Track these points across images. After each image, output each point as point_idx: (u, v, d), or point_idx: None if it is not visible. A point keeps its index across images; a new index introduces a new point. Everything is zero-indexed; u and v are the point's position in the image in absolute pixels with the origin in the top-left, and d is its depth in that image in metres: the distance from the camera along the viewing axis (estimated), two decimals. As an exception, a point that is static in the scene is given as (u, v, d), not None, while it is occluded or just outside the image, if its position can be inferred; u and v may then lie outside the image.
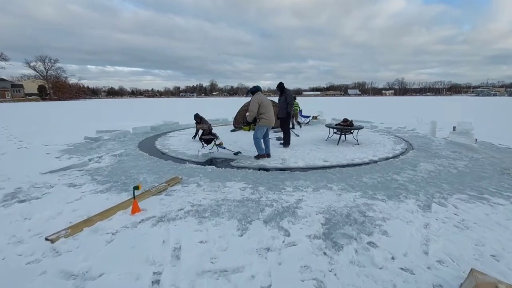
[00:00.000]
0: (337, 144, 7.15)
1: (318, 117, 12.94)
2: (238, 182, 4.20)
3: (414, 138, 8.31)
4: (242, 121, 10.57)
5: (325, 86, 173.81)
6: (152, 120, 14.31)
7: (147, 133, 9.60)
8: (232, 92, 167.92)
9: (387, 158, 5.70)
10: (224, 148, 6.71)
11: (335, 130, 7.53)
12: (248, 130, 9.29)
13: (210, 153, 6.38)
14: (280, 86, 6.92)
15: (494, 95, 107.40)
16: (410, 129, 10.05)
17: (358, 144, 7.17)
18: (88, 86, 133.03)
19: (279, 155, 6.00)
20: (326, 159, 5.61)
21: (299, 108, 12.99)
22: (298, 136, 8.59)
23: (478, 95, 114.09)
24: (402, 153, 6.26)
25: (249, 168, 5.01)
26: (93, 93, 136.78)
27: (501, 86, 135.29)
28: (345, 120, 7.50)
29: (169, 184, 3.99)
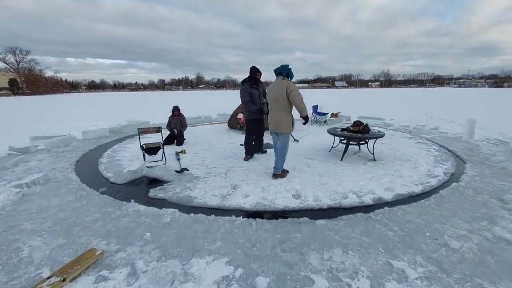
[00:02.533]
0: (341, 159, 4.85)
1: (339, 115, 10.29)
2: (215, 259, 2.13)
3: (449, 141, 6.46)
4: (236, 124, 8.41)
5: (312, 78, 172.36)
6: (121, 118, 11.89)
7: (102, 139, 7.30)
8: (219, 85, 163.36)
9: (419, 196, 3.33)
10: (178, 159, 5.06)
11: (341, 138, 5.16)
12: None
13: (149, 167, 4.59)
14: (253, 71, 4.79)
15: (475, 86, 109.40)
16: (432, 128, 8.22)
17: (375, 160, 4.82)
18: (66, 80, 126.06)
19: (228, 181, 3.93)
20: (300, 192, 3.43)
21: None
22: (297, 141, 6.56)
23: (460, 86, 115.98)
24: (455, 171, 4.36)
25: (200, 209, 3.06)
26: (72, 87, 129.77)
27: (481, 78, 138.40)
28: (357, 124, 4.99)
29: (63, 280, 1.87)
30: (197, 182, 3.87)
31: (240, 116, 7.97)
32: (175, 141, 6.48)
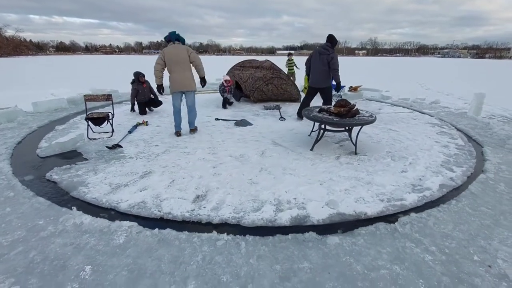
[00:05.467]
0: (311, 149, 3.80)
1: (359, 89, 8.64)
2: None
3: (455, 118, 5.87)
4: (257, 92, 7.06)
5: (299, 45, 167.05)
6: (86, 85, 10.42)
7: (58, 111, 6.12)
8: (202, 49, 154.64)
9: (450, 193, 2.70)
10: (130, 132, 4.57)
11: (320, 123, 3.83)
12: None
13: (91, 139, 4.24)
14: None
15: (458, 57, 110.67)
16: (433, 102, 7.63)
17: (356, 153, 3.69)
18: (31, 40, 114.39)
19: (149, 165, 3.34)
20: (209, 194, 2.63)
21: (296, 66, 10.08)
22: (284, 119, 5.53)
23: (444, 56, 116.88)
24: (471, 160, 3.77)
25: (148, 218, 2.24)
26: (39, 48, 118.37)
27: (464, 48, 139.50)
28: (341, 104, 3.81)
29: None
30: (113, 164, 3.35)
31: (227, 77, 6.71)
32: (151, 108, 6.19)
